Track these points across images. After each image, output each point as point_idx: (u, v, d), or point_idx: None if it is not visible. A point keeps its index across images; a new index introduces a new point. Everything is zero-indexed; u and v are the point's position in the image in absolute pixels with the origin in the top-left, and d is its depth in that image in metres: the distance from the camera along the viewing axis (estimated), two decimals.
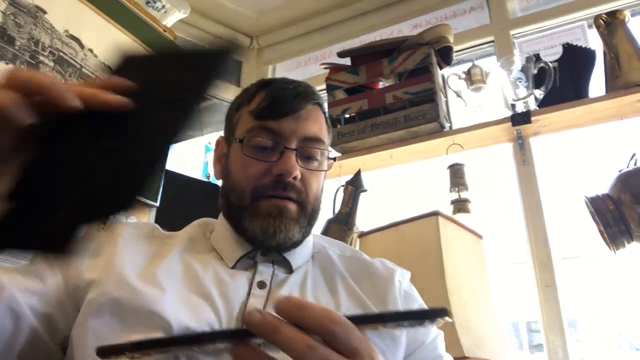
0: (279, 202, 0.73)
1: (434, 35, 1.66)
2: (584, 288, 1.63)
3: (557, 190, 1.66)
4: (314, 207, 0.77)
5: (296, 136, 0.74)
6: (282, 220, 0.72)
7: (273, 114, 0.74)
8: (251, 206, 0.73)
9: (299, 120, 0.75)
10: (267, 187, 0.73)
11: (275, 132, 0.74)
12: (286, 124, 0.74)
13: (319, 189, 0.78)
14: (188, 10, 1.78)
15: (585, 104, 1.47)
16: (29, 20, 1.26)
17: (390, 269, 0.81)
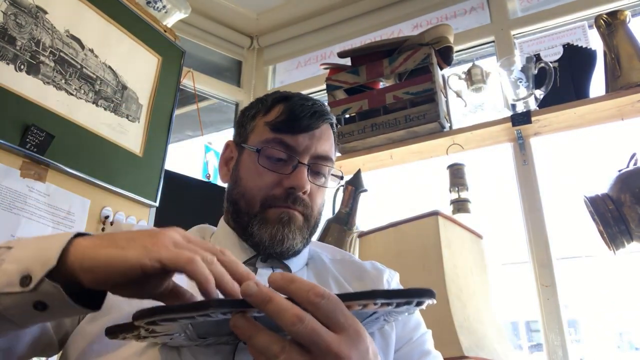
0: (288, 209, 0.76)
1: (435, 35, 1.67)
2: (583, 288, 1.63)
3: (557, 190, 1.66)
4: (317, 220, 0.82)
5: (309, 153, 0.77)
6: (291, 227, 0.75)
7: (291, 129, 0.77)
8: (260, 214, 0.76)
9: (314, 138, 0.78)
10: (277, 199, 0.75)
11: (290, 147, 0.77)
12: (302, 139, 0.77)
13: (322, 204, 0.83)
14: (188, 10, 1.78)
15: (586, 104, 1.47)
16: (29, 20, 1.26)
17: (380, 270, 0.84)
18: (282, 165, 0.76)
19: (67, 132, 1.32)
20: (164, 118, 1.66)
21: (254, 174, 0.77)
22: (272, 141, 0.77)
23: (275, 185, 0.76)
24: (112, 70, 1.48)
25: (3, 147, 1.17)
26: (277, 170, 0.76)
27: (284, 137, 0.77)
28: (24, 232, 1.19)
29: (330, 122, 0.82)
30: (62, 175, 1.31)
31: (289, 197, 0.75)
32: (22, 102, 1.22)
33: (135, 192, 1.49)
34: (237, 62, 2.52)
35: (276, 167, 0.76)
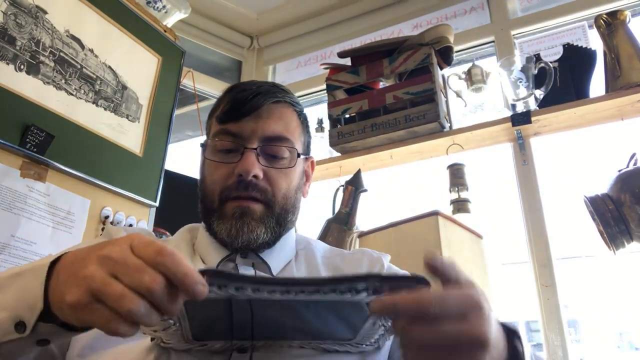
0: (242, 202, 0.73)
1: (435, 35, 1.67)
2: (583, 288, 1.63)
3: (557, 190, 1.66)
4: (284, 206, 0.76)
5: (256, 136, 0.75)
6: (245, 220, 0.72)
7: (233, 116, 0.75)
8: (219, 209, 0.74)
9: (259, 120, 0.75)
10: (232, 189, 0.74)
11: (235, 134, 0.75)
12: (245, 124, 0.75)
13: (289, 188, 0.77)
14: (188, 10, 1.78)
15: (586, 104, 1.47)
16: (29, 20, 1.26)
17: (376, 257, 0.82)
18: (232, 155, 0.75)
19: (67, 132, 1.32)
20: (164, 118, 1.66)
21: (209, 170, 0.77)
22: (219, 133, 0.76)
23: (228, 176, 0.74)
24: (112, 70, 1.48)
25: (3, 147, 1.17)
26: (227, 161, 0.75)
27: (227, 126, 0.75)
28: (24, 232, 1.19)
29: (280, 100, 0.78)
30: (62, 175, 1.31)
31: (240, 185, 0.73)
32: (22, 102, 1.22)
33: (135, 192, 1.49)
34: (237, 62, 2.52)
35: (226, 158, 0.75)
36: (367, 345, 0.61)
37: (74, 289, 0.43)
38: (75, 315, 0.43)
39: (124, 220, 1.45)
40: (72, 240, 1.30)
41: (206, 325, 0.55)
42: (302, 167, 0.82)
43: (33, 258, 1.20)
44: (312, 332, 0.58)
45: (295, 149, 0.77)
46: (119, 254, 0.43)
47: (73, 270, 0.45)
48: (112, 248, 0.44)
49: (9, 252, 1.15)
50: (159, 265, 0.42)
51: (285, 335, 0.59)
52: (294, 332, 0.58)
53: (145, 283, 0.41)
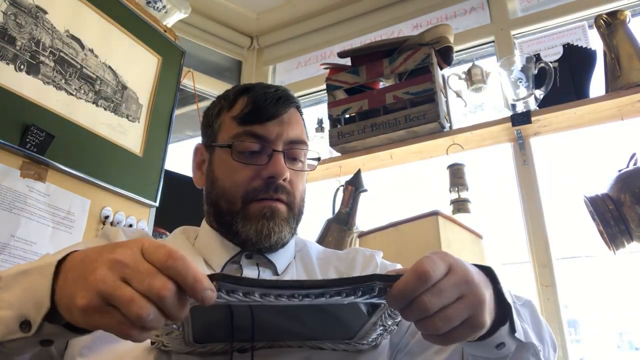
0: (270, 203, 0.74)
1: (435, 35, 1.66)
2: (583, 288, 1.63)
3: (557, 190, 1.65)
4: (300, 207, 0.80)
5: (282, 139, 0.76)
6: (276, 221, 0.74)
7: (258, 118, 0.76)
8: (243, 210, 0.74)
9: (283, 124, 0.77)
10: (259, 191, 0.74)
11: (261, 137, 0.76)
12: (271, 127, 0.76)
13: (303, 189, 0.81)
14: (189, 10, 1.78)
15: (586, 104, 1.47)
16: (29, 20, 1.26)
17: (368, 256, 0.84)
18: (257, 156, 0.76)
19: (67, 132, 1.32)
20: (164, 118, 1.66)
21: (230, 171, 0.76)
22: (242, 134, 0.76)
23: (253, 178, 0.74)
24: (112, 70, 1.48)
25: (3, 147, 1.17)
26: (253, 163, 0.75)
27: (253, 128, 0.76)
28: (24, 232, 1.19)
29: (296, 106, 0.82)
30: (62, 175, 1.31)
31: (270, 187, 0.74)
32: (22, 102, 1.22)
33: (135, 192, 1.49)
34: (237, 62, 2.52)
35: (251, 160, 0.75)
36: (364, 344, 0.61)
37: (84, 292, 0.42)
38: (86, 319, 0.43)
39: (124, 220, 1.45)
40: (72, 240, 1.29)
41: (207, 329, 0.55)
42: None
43: (33, 258, 1.20)
44: (311, 333, 0.59)
45: (315, 152, 0.82)
46: (130, 258, 0.43)
47: (83, 272, 0.44)
48: (123, 251, 0.43)
49: (9, 252, 1.15)
50: (170, 269, 0.42)
51: (284, 337, 0.59)
52: (293, 333, 0.58)
53: (155, 289, 0.41)
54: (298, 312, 0.54)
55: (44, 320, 0.46)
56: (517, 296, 0.74)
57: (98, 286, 0.41)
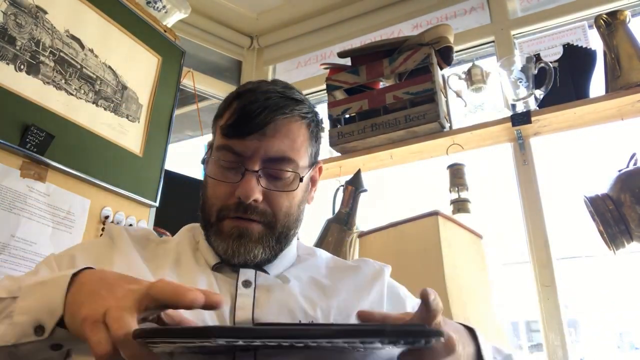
0: (240, 223, 0.72)
1: (435, 35, 1.66)
2: (584, 288, 1.63)
3: (557, 190, 1.66)
4: (286, 224, 0.74)
5: (259, 156, 0.71)
6: (242, 242, 0.71)
7: (238, 132, 0.71)
8: (217, 224, 0.73)
9: (264, 139, 0.71)
10: (231, 209, 0.72)
11: (238, 153, 0.71)
12: (249, 143, 0.71)
13: (291, 206, 0.74)
14: (188, 10, 1.78)
15: (586, 104, 1.47)
16: (29, 20, 1.26)
17: (377, 269, 0.83)
18: (233, 173, 0.72)
19: (67, 132, 1.32)
20: (164, 118, 1.66)
21: (211, 184, 0.75)
22: (222, 148, 0.73)
23: (228, 196, 0.72)
24: (112, 70, 1.48)
25: (3, 147, 1.17)
26: (229, 180, 0.72)
27: (232, 142, 0.71)
28: (24, 232, 1.19)
29: (288, 115, 0.73)
30: (62, 175, 1.31)
31: (239, 207, 0.71)
32: (22, 102, 1.22)
33: (135, 192, 1.49)
34: (237, 62, 2.52)
35: (227, 176, 0.72)
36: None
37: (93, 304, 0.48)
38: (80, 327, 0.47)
39: (124, 220, 1.45)
40: (72, 240, 1.29)
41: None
42: (307, 179, 0.79)
43: (33, 258, 1.20)
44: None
45: (297, 173, 0.73)
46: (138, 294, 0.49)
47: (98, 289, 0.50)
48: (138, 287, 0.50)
49: (9, 252, 1.15)
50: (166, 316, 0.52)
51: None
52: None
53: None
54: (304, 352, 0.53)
55: (56, 325, 0.51)
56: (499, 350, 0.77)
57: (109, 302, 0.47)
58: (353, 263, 0.85)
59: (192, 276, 0.72)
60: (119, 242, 0.76)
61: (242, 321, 0.66)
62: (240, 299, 0.69)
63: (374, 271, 0.82)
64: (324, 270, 0.81)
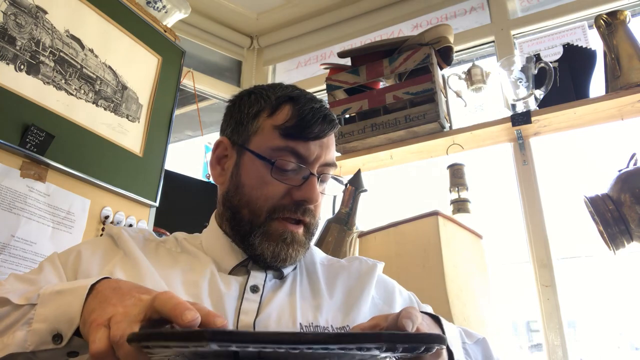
0: (292, 227, 0.73)
1: (435, 35, 1.66)
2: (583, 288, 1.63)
3: (557, 190, 1.66)
4: (317, 226, 0.80)
5: (319, 162, 0.75)
6: (294, 247, 0.73)
7: (303, 135, 0.73)
8: (264, 225, 0.73)
9: (323, 146, 0.75)
10: (286, 209, 0.73)
11: (302, 157, 0.73)
12: (313, 147, 0.74)
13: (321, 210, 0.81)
14: (189, 10, 1.78)
15: (586, 104, 1.47)
16: (29, 20, 1.26)
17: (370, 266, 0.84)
18: (292, 175, 0.73)
19: (67, 132, 1.32)
20: (164, 118, 1.66)
21: (262, 183, 0.73)
22: (283, 150, 0.73)
23: (283, 196, 0.73)
24: (112, 70, 1.48)
25: (3, 147, 1.17)
26: (287, 181, 0.73)
27: (295, 144, 0.73)
28: (24, 232, 1.19)
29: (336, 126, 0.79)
30: (62, 175, 1.31)
31: (299, 208, 0.73)
32: (22, 102, 1.22)
33: (135, 192, 1.49)
34: (237, 62, 2.52)
35: (286, 178, 0.73)
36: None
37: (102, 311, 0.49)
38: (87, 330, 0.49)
39: (124, 220, 1.45)
40: (72, 240, 1.29)
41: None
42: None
43: (33, 258, 1.20)
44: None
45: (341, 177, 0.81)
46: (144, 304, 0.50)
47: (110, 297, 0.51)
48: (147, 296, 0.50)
49: (9, 252, 1.15)
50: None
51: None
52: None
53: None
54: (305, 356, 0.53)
55: (74, 334, 0.52)
56: (471, 334, 0.77)
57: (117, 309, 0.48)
58: (346, 262, 0.86)
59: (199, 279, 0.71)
60: (121, 242, 0.76)
61: (245, 325, 0.66)
62: (246, 304, 0.69)
63: (367, 268, 0.83)
64: (320, 269, 0.83)
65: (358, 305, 0.75)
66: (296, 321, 0.69)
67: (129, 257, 0.73)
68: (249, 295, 0.71)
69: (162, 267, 0.73)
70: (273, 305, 0.70)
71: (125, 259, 0.73)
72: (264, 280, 0.74)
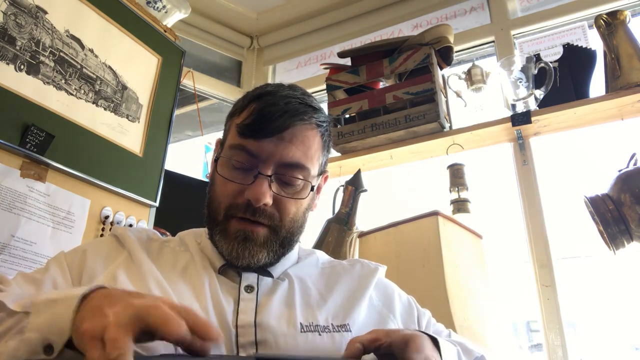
0: (246, 226, 0.71)
1: (435, 35, 1.66)
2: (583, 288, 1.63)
3: (557, 190, 1.66)
4: (291, 230, 0.75)
5: (273, 160, 0.71)
6: (247, 245, 0.71)
7: (255, 133, 0.70)
8: (223, 223, 0.73)
9: (280, 143, 0.71)
10: (239, 209, 0.72)
11: (253, 154, 0.71)
12: (266, 146, 0.70)
13: (297, 212, 0.75)
14: (189, 10, 1.78)
15: (586, 104, 1.47)
16: (29, 20, 1.26)
17: (373, 267, 0.84)
18: (245, 174, 0.72)
19: (67, 132, 1.32)
20: (164, 118, 1.66)
21: (220, 181, 0.74)
22: (236, 147, 0.72)
23: (237, 195, 0.72)
24: (112, 70, 1.48)
25: (3, 147, 1.17)
26: (239, 180, 0.72)
27: (247, 142, 0.71)
28: (24, 232, 1.19)
29: (306, 122, 0.73)
30: (62, 175, 1.31)
31: (248, 209, 0.71)
32: (22, 102, 1.22)
33: (135, 192, 1.49)
34: (237, 62, 2.52)
35: (238, 176, 0.72)
36: None
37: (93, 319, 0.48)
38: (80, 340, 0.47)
39: (124, 220, 1.45)
40: (72, 240, 1.29)
41: None
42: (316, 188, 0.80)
43: (33, 258, 1.20)
44: None
45: (309, 181, 0.74)
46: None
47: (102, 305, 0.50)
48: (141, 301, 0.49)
49: (9, 252, 1.15)
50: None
51: None
52: None
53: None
54: None
55: (65, 346, 0.51)
56: (470, 351, 0.76)
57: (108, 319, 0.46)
58: (348, 264, 0.86)
59: (198, 280, 0.72)
60: (126, 242, 0.77)
61: (244, 325, 0.67)
62: (243, 304, 0.69)
63: (368, 271, 0.83)
64: (321, 271, 0.82)
65: (357, 305, 0.75)
66: (296, 320, 0.69)
67: (133, 257, 0.74)
68: (244, 295, 0.71)
69: (165, 267, 0.74)
70: (272, 304, 0.70)
71: (128, 260, 0.74)
72: (256, 279, 0.74)
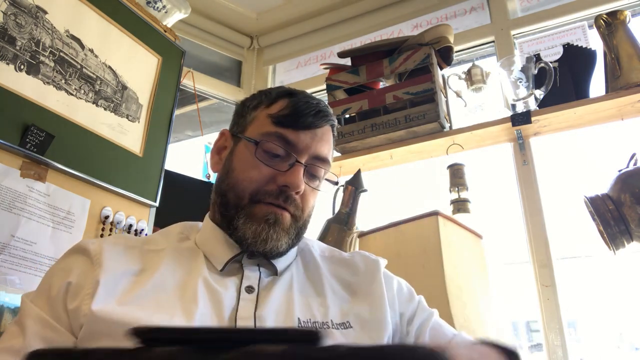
0: (277, 210, 0.73)
1: (435, 35, 1.67)
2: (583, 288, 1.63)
3: (557, 190, 1.66)
4: (305, 222, 0.79)
5: (309, 152, 0.76)
6: (276, 228, 0.72)
7: (293, 124, 0.75)
8: (248, 207, 0.73)
9: (315, 138, 0.76)
10: (270, 194, 0.73)
11: (290, 143, 0.75)
12: (303, 137, 0.75)
13: (313, 206, 0.80)
14: (189, 10, 1.78)
15: (586, 104, 1.47)
16: (29, 20, 1.26)
17: (373, 260, 0.84)
18: (279, 161, 0.74)
19: (67, 132, 1.32)
20: (164, 118, 1.66)
21: (248, 166, 0.75)
22: (273, 135, 0.75)
23: (268, 181, 0.74)
24: (112, 70, 1.48)
25: (3, 147, 1.17)
26: (273, 166, 0.74)
27: (285, 131, 0.75)
28: (24, 232, 1.19)
29: (332, 124, 0.81)
30: (62, 175, 1.31)
31: (281, 195, 0.73)
32: (22, 102, 1.22)
33: (135, 192, 1.49)
34: (237, 62, 2.52)
35: (273, 162, 0.74)
36: None
37: None
38: None
39: (124, 220, 1.45)
40: (72, 240, 1.29)
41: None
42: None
43: (33, 258, 1.20)
44: None
45: (330, 173, 0.80)
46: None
47: None
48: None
49: (9, 252, 1.15)
50: None
51: None
52: None
53: None
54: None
55: None
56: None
57: None
58: (348, 256, 0.86)
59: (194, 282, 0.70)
60: (99, 258, 0.70)
61: (243, 317, 0.67)
62: (243, 304, 0.69)
63: (369, 265, 0.83)
64: (320, 261, 0.82)
65: (360, 301, 0.75)
66: (294, 317, 0.69)
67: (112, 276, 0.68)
68: (245, 296, 0.70)
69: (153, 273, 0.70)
70: (270, 302, 0.70)
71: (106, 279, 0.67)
72: (257, 279, 0.73)
